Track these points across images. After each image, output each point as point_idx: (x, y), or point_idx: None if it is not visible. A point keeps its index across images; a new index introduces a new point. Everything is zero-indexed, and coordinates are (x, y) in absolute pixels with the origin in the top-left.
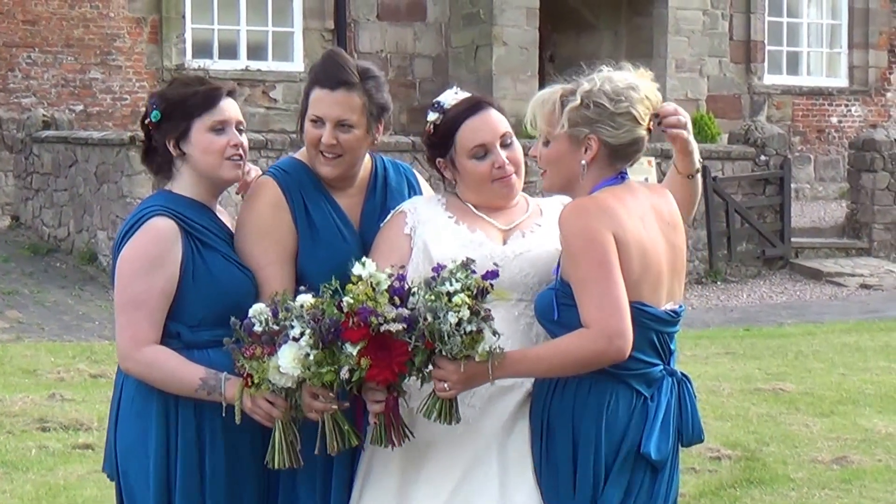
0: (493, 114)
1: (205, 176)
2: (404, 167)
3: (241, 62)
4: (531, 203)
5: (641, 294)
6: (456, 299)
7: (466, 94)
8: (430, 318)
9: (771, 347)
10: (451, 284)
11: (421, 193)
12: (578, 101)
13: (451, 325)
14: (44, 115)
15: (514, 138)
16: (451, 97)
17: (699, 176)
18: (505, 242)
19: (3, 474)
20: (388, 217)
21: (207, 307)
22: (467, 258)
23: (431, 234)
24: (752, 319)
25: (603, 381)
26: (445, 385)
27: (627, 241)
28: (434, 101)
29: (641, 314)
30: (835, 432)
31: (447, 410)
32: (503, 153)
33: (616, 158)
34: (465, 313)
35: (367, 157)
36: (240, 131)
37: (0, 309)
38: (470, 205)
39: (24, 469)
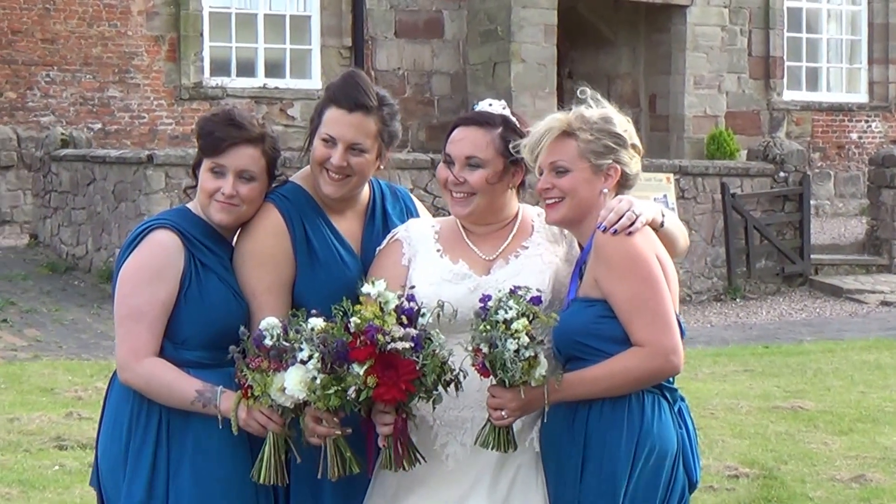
0: (471, 132)
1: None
2: (402, 192)
3: (259, 80)
4: (520, 218)
5: (675, 311)
6: (516, 325)
7: (498, 105)
8: (485, 349)
9: (790, 365)
10: (507, 312)
11: (418, 217)
12: (599, 132)
13: (511, 352)
14: (62, 134)
15: (481, 164)
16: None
17: (668, 222)
18: (489, 272)
19: (20, 493)
20: (385, 243)
21: (193, 327)
22: (514, 286)
23: (419, 265)
24: (772, 337)
25: (651, 397)
26: (503, 413)
27: (663, 260)
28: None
29: (680, 329)
30: (854, 450)
31: (504, 438)
32: (464, 172)
33: (624, 187)
34: (525, 339)
35: None
36: (245, 179)
37: (18, 327)
38: (462, 229)
39: (41, 487)
